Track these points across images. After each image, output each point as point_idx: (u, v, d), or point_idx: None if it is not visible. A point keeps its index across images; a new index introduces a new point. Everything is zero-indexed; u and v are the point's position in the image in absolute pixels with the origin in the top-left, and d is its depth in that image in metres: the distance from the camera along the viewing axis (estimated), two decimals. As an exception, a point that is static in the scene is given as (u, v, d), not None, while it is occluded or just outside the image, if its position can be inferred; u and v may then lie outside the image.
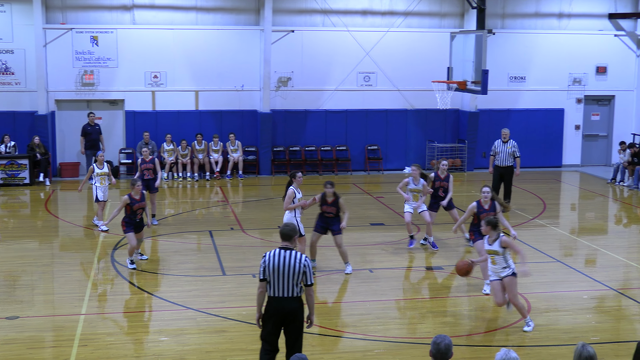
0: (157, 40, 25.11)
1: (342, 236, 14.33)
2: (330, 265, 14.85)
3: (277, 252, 8.83)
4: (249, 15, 25.80)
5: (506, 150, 19.82)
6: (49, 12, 24.52)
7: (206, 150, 24.92)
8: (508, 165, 19.88)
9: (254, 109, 25.85)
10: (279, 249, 8.87)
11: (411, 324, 12.02)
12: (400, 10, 26.42)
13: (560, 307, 12.73)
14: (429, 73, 24.72)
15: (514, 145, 19.90)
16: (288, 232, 8.94)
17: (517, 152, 19.90)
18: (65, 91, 24.79)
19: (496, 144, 20.09)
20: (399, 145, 26.75)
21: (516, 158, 19.92)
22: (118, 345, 10.90)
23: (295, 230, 9.02)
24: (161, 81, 25.25)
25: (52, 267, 15.03)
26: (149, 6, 25.12)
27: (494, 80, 24.44)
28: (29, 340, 11.02)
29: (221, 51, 25.46)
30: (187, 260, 15.41)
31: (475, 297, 13.28)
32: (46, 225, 18.75)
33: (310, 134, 26.16)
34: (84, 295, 13.07)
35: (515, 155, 19.88)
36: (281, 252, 8.82)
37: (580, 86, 27.62)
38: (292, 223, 9.37)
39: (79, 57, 24.67)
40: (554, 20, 27.49)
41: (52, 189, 23.03)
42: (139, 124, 25.09)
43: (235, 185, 24.09)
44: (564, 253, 16.44)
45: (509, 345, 10.82)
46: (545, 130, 27.43)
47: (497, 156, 20.00)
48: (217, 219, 19.44)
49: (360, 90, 26.45)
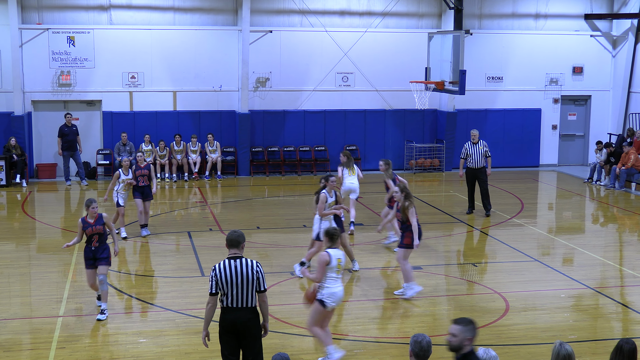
0: (134, 41, 25.00)
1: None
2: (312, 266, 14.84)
3: (226, 262, 8.52)
4: (227, 15, 25.75)
5: (478, 151, 19.46)
6: (24, 12, 24.34)
7: (184, 151, 24.84)
8: (481, 166, 19.49)
9: (232, 110, 25.81)
10: (228, 259, 8.55)
11: (390, 324, 12.04)
12: (378, 11, 26.47)
13: (538, 306, 12.81)
14: (407, 73, 24.80)
15: (485, 145, 19.62)
16: (236, 238, 8.61)
17: (488, 151, 19.61)
18: (41, 92, 24.62)
19: (466, 146, 19.67)
20: (377, 145, 26.79)
21: (487, 158, 19.71)
22: (96, 347, 10.84)
23: (243, 237, 8.67)
24: (139, 82, 25.13)
25: (29, 269, 14.92)
26: (126, 6, 25.01)
27: (472, 80, 24.55)
28: (6, 343, 10.94)
29: (199, 51, 25.39)
30: (165, 261, 15.36)
31: (453, 297, 13.32)
32: (23, 227, 18.61)
33: (288, 135, 26.14)
34: (61, 297, 12.99)
35: (487, 155, 19.66)
36: (231, 262, 8.52)
37: (557, 86, 27.80)
38: (239, 230, 8.81)
39: (56, 57, 24.51)
40: (530, 20, 27.65)
41: (29, 191, 22.86)
42: (116, 124, 24.96)
43: (214, 186, 24.02)
44: (542, 252, 16.53)
45: (488, 344, 10.86)
46: (522, 130, 27.58)
47: (469, 158, 19.58)
48: (195, 219, 19.38)
49: (338, 90, 26.47)
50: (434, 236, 17.28)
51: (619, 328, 12.12)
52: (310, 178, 25.44)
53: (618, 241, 17.99)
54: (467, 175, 19.72)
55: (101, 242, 11.97)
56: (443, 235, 17.65)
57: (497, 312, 12.38)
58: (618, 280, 14.69)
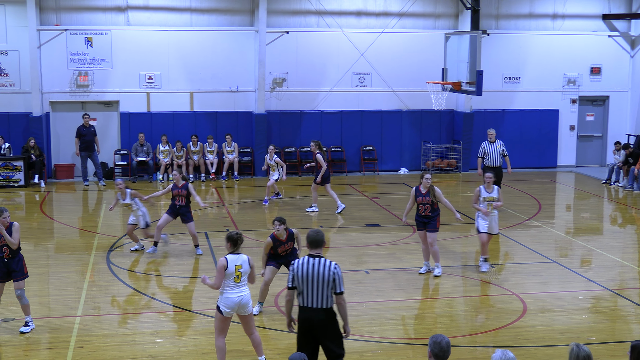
0: (151, 42, 25.09)
1: None
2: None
3: (305, 260, 8.55)
4: (244, 16, 25.80)
5: (496, 150, 19.73)
6: (43, 13, 24.48)
7: (201, 151, 24.90)
8: (498, 165, 19.74)
9: (249, 110, 25.85)
10: (308, 256, 8.59)
11: (407, 324, 12.02)
12: (394, 11, 26.44)
13: (556, 308, 12.75)
14: (424, 74, 24.77)
15: (502, 144, 19.89)
16: (319, 238, 8.64)
17: (505, 150, 19.89)
18: (59, 92, 24.75)
19: (484, 145, 19.93)
20: (394, 146, 26.76)
21: (505, 157, 19.88)
22: (114, 347, 10.89)
23: (324, 237, 8.72)
24: (156, 82, 25.22)
25: (47, 268, 15.00)
26: (143, 7, 25.11)
27: (489, 81, 24.47)
28: (25, 342, 11.01)
29: (216, 52, 25.46)
30: (183, 261, 15.39)
31: (470, 297, 13.29)
32: (41, 227, 18.71)
33: (305, 135, 26.15)
34: (79, 297, 13.05)
35: (505, 154, 19.84)
36: (310, 259, 8.54)
37: (575, 87, 27.67)
38: (320, 230, 8.78)
39: (74, 58, 24.64)
40: (548, 21, 27.53)
41: (47, 191, 22.98)
42: (134, 125, 25.06)
43: (231, 187, 24.07)
44: (560, 253, 16.46)
45: (505, 345, 10.83)
46: (540, 130, 27.47)
47: (486, 157, 19.80)
48: (212, 220, 19.42)
49: (355, 91, 26.46)
50: (452, 237, 17.23)
51: (638, 330, 12.03)
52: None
53: (636, 242, 17.87)
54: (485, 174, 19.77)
55: (13, 254, 11.31)
56: (460, 237, 17.61)
57: (515, 314, 12.34)
58: (637, 281, 14.61)
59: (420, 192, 14.18)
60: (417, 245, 16.48)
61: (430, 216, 14.08)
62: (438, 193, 14.14)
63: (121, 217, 19.79)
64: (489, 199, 14.41)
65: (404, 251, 16.17)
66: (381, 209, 20.45)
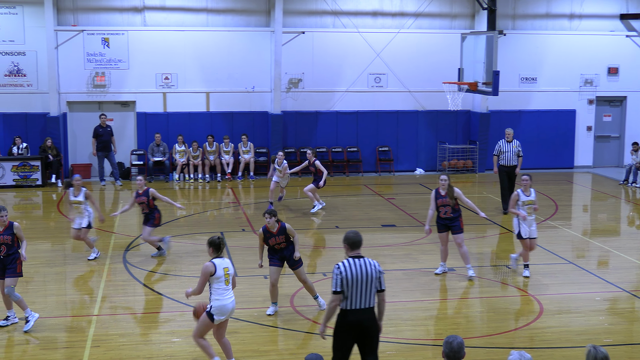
0: (168, 42, 25.17)
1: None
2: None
3: (352, 262, 8.44)
4: (260, 16, 25.84)
5: (512, 150, 19.74)
6: (60, 14, 24.61)
7: (217, 151, 24.95)
8: (514, 164, 19.78)
9: (265, 110, 25.88)
10: (351, 258, 8.49)
11: (423, 325, 12.00)
12: (410, 12, 26.40)
13: (573, 309, 12.70)
14: (440, 74, 24.73)
15: (519, 144, 19.93)
16: (359, 239, 8.57)
17: (520, 151, 19.91)
18: (77, 93, 24.87)
19: (501, 143, 19.97)
20: (410, 146, 26.73)
21: (519, 157, 19.88)
22: (130, 346, 10.93)
23: (361, 237, 8.66)
24: (172, 83, 25.30)
25: (64, 268, 15.07)
26: (160, 8, 25.19)
27: (505, 81, 24.39)
28: (42, 341, 11.07)
29: (232, 53, 25.50)
30: (199, 261, 15.40)
31: (486, 298, 13.25)
32: (58, 227, 18.80)
33: (321, 135, 26.16)
34: (96, 297, 13.11)
35: (519, 154, 19.86)
36: (355, 261, 8.46)
37: (592, 87, 27.53)
38: (357, 230, 8.78)
39: (91, 58, 24.76)
40: (565, 21, 27.41)
41: (64, 191, 23.07)
42: (150, 125, 25.15)
43: (247, 187, 24.11)
44: (577, 255, 16.38)
45: (522, 347, 10.80)
46: (556, 131, 27.36)
47: (502, 156, 19.83)
48: (228, 220, 19.46)
49: (371, 91, 26.44)
50: (467, 237, 17.16)
51: (655, 332, 11.97)
52: (342, 179, 25.44)
53: (654, 244, 17.77)
54: (501, 173, 19.85)
55: (9, 253, 11.41)
56: (476, 237, 17.56)
57: (531, 315, 12.29)
58: (654, 283, 14.52)
59: (440, 194, 14.05)
60: (433, 245, 16.47)
61: (452, 217, 14.01)
62: (458, 193, 14.05)
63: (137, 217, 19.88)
64: (528, 202, 14.19)
65: (420, 252, 16.14)
66: (397, 210, 20.42)
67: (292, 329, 11.60)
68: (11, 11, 24.34)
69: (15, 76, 24.58)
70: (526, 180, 14.28)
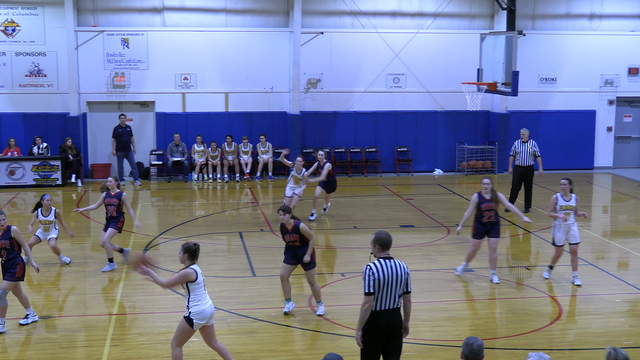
0: (187, 43, 25.25)
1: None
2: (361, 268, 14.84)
3: (382, 262, 8.38)
4: (279, 17, 25.87)
5: (526, 150, 19.77)
6: (80, 14, 24.75)
7: (236, 151, 25.01)
8: (529, 165, 19.81)
9: (284, 111, 25.91)
10: (382, 259, 8.42)
11: (441, 326, 11.96)
12: (429, 12, 26.34)
13: (593, 311, 12.62)
14: (459, 74, 24.65)
15: (534, 144, 19.92)
16: (389, 240, 8.51)
17: (537, 151, 19.92)
18: (96, 93, 25.01)
19: (516, 144, 20.08)
20: (428, 147, 26.68)
21: (537, 157, 19.87)
22: (149, 345, 10.97)
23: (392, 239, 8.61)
24: (191, 83, 25.39)
25: (83, 267, 15.15)
26: (179, 8, 25.28)
27: (525, 81, 24.26)
28: (61, 340, 11.14)
29: (251, 53, 25.55)
30: (217, 261, 15.47)
31: (505, 300, 13.19)
32: (78, 226, 18.89)
33: (339, 136, 26.16)
34: (115, 296, 13.17)
35: (537, 154, 19.83)
36: (386, 262, 8.41)
37: (612, 87, 27.36)
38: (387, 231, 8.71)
39: (110, 59, 24.88)
40: (585, 21, 27.26)
41: (84, 190, 23.23)
42: (169, 125, 25.25)
43: (265, 187, 24.14)
44: (596, 256, 16.28)
45: (540, 348, 10.75)
46: (576, 132, 27.21)
47: (517, 156, 19.92)
48: (247, 220, 19.50)
49: (389, 91, 26.41)
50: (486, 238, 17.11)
51: (676, 334, 11.87)
52: (360, 179, 25.43)
53: (675, 245, 17.63)
54: (514, 173, 20.00)
55: (9, 257, 11.36)
56: (495, 238, 17.48)
57: (550, 316, 12.23)
58: (675, 285, 14.40)
59: (484, 199, 13.68)
60: (451, 246, 16.45)
61: (494, 222, 13.72)
62: (501, 198, 13.80)
63: (156, 216, 19.96)
64: (566, 207, 13.65)
65: (438, 252, 16.10)
66: (415, 210, 20.38)
67: (310, 329, 11.61)
68: (32, 12, 24.51)
69: (35, 76, 24.74)
70: (564, 184, 13.71)
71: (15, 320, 11.84)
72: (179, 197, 22.56)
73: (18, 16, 24.46)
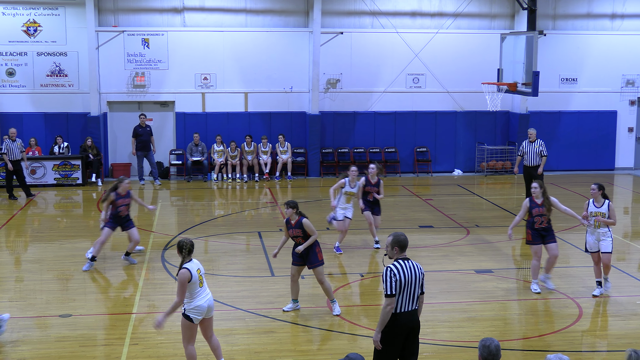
0: (207, 43, 25.33)
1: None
2: (379, 268, 14.85)
3: (403, 264, 8.33)
4: (298, 17, 25.89)
5: (534, 150, 19.77)
6: (101, 15, 24.89)
7: (255, 151, 25.05)
8: (536, 165, 19.79)
9: (303, 111, 25.92)
10: (402, 260, 8.37)
11: (460, 327, 11.92)
12: (449, 12, 26.27)
13: (613, 313, 12.54)
14: (479, 75, 24.56)
15: (542, 144, 19.89)
16: (407, 242, 8.44)
17: (544, 151, 19.84)
18: (117, 93, 25.14)
19: (523, 144, 20.13)
20: (448, 147, 26.61)
21: (542, 157, 19.78)
22: (168, 344, 11.01)
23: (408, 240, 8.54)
24: (211, 83, 25.46)
25: (104, 265, 15.23)
26: (199, 9, 25.36)
27: (545, 81, 24.13)
28: (81, 338, 11.20)
29: (270, 53, 25.59)
30: (236, 260, 15.51)
31: (524, 301, 13.13)
32: (98, 225, 18.95)
33: (359, 136, 26.15)
34: (135, 295, 13.23)
35: (542, 154, 19.76)
36: (406, 262, 8.37)
37: (634, 88, 27.17)
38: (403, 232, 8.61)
39: (131, 59, 25.00)
40: (606, 21, 27.08)
41: (104, 190, 23.33)
42: (189, 125, 25.34)
43: (284, 187, 24.17)
44: (617, 257, 16.15)
45: (560, 350, 10.69)
46: (597, 132, 27.05)
47: (525, 156, 19.95)
48: (266, 220, 19.53)
49: (409, 92, 26.36)
50: (506, 239, 17.06)
51: (697, 336, 11.77)
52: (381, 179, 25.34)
53: (697, 247, 17.48)
54: (524, 173, 20.18)
55: None
56: (515, 239, 17.41)
57: (570, 318, 12.16)
58: (697, 287, 14.28)
59: (535, 203, 13.22)
60: (470, 247, 16.40)
61: (547, 228, 13.27)
62: (554, 202, 13.23)
63: (176, 216, 20.04)
64: (597, 214, 13.00)
65: (458, 253, 16.05)
66: (435, 210, 20.33)
67: (329, 329, 11.60)
68: (53, 12, 24.68)
69: (57, 76, 24.91)
70: (593, 190, 13.05)
71: (35, 318, 11.94)
72: (199, 196, 22.63)
73: (40, 16, 24.64)
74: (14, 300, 13.00)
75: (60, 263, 15.26)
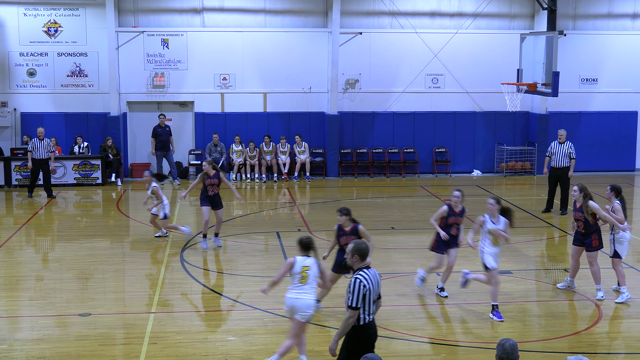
0: (226, 43, 25.39)
1: None
2: (398, 269, 14.83)
3: (369, 273, 8.16)
4: (317, 17, 25.90)
5: (563, 151, 19.62)
6: (121, 15, 25.01)
7: (274, 151, 25.08)
8: (564, 166, 19.67)
9: (322, 111, 25.93)
10: (366, 269, 8.19)
11: (478, 328, 11.88)
12: (469, 12, 26.19)
13: (634, 315, 12.45)
14: (498, 75, 24.48)
15: (571, 146, 19.74)
16: (367, 251, 8.22)
17: (573, 153, 19.71)
18: (136, 93, 25.25)
19: (552, 144, 19.95)
20: (467, 147, 26.52)
21: (572, 159, 19.65)
22: (187, 343, 11.04)
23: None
24: (230, 83, 25.52)
25: (123, 265, 15.31)
26: (219, 9, 25.42)
27: (565, 82, 24.00)
28: (100, 337, 11.25)
29: (289, 53, 25.61)
30: (254, 260, 15.53)
31: (544, 302, 13.07)
32: (118, 225, 19.10)
33: (377, 136, 26.12)
34: (154, 294, 13.28)
35: (572, 156, 19.63)
36: (371, 272, 8.20)
37: (655, 88, 27.01)
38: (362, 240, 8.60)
39: (150, 59, 25.11)
40: (627, 21, 26.90)
41: (124, 189, 23.46)
42: (208, 125, 25.41)
43: (303, 187, 24.18)
44: (637, 259, 16.06)
45: (579, 351, 10.64)
46: (618, 133, 26.87)
47: (553, 157, 19.79)
48: (284, 220, 19.55)
49: (428, 92, 26.30)
50: (525, 240, 17.00)
51: None
52: (398, 180, 25.36)
53: None
54: (550, 174, 19.92)
55: None
56: (534, 240, 17.35)
57: (590, 320, 12.09)
58: None
59: (574, 207, 13.07)
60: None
61: (584, 233, 13.00)
62: (594, 207, 12.80)
63: (195, 216, 20.09)
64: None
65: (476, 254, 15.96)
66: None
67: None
68: (74, 13, 24.83)
69: (77, 77, 25.06)
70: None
71: (55, 317, 12.02)
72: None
73: (60, 17, 24.79)
74: (34, 299, 13.09)
75: (80, 262, 15.35)
